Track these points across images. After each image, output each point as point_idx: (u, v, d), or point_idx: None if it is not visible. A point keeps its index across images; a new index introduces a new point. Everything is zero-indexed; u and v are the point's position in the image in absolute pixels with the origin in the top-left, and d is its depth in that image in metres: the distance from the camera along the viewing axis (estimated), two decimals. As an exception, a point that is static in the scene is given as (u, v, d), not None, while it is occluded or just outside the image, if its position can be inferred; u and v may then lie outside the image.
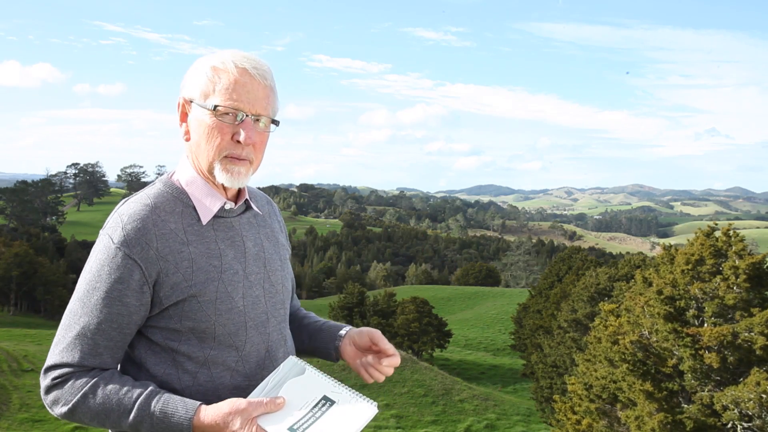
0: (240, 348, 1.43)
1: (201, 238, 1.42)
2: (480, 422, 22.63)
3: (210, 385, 1.40)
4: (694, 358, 10.32)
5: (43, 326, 43.70)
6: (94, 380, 1.34)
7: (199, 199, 1.45)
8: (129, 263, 1.34)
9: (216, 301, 1.40)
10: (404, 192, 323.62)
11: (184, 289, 1.37)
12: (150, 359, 1.41)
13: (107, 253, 1.35)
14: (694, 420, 10.10)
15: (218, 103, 1.38)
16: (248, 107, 1.39)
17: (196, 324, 1.38)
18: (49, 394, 1.35)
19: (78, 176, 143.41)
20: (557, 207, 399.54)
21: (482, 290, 66.44)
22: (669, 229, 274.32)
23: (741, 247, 11.14)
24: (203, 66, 1.43)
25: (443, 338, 37.04)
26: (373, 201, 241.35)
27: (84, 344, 1.34)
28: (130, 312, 1.36)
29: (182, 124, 1.46)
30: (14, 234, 67.52)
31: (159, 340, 1.40)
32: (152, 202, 1.41)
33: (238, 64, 1.40)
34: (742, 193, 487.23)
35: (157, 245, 1.36)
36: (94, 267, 1.36)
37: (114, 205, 1.47)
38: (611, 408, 12.38)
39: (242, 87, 1.39)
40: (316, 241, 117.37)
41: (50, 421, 19.42)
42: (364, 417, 1.33)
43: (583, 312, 23.11)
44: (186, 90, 1.44)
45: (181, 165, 1.49)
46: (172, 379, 1.39)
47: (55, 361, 1.35)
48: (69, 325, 1.36)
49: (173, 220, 1.40)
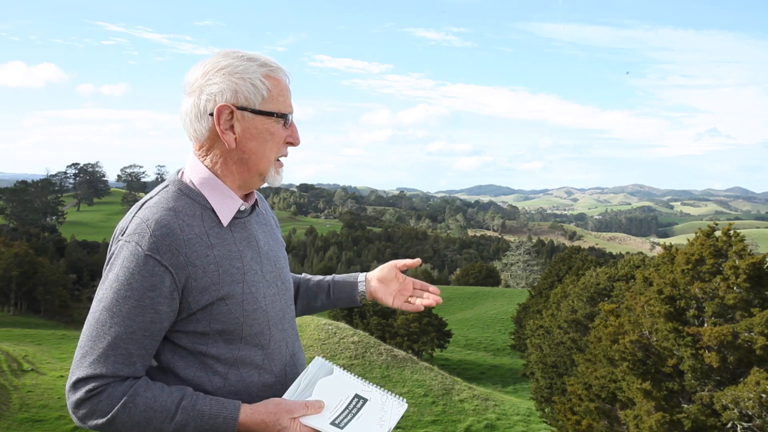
0: (265, 346, 1.47)
1: (222, 240, 1.43)
2: (480, 422, 22.62)
3: (241, 385, 1.43)
4: (694, 358, 10.33)
5: (43, 326, 43.68)
6: (132, 389, 1.33)
7: (218, 201, 1.45)
8: (160, 270, 1.33)
9: (243, 302, 1.42)
10: (404, 192, 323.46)
11: (212, 292, 1.38)
12: (178, 363, 1.41)
13: (136, 261, 1.33)
14: (693, 419, 10.10)
15: (278, 110, 1.45)
16: (292, 110, 1.50)
17: (224, 326, 1.40)
18: (82, 407, 1.32)
19: (78, 176, 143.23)
20: (557, 207, 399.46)
21: (482, 290, 66.43)
22: (669, 229, 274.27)
23: (741, 247, 11.15)
24: (251, 73, 1.43)
25: (443, 338, 37.03)
26: (373, 201, 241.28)
27: (117, 354, 1.33)
28: (161, 319, 1.36)
29: (227, 132, 1.43)
30: (14, 234, 67.51)
31: (186, 344, 1.41)
32: (174, 206, 1.40)
33: (281, 70, 1.48)
34: (742, 193, 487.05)
35: (186, 250, 1.36)
36: (122, 275, 1.34)
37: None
38: (611, 408, 12.38)
39: (287, 91, 1.48)
40: (316, 241, 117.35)
41: (50, 421, 19.42)
42: (397, 413, 1.43)
43: (583, 312, 23.10)
44: (230, 96, 1.42)
45: (192, 165, 1.48)
46: (204, 382, 1.40)
47: (87, 373, 1.32)
48: (98, 336, 1.33)
49: (196, 224, 1.40)
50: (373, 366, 25.50)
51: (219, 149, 1.45)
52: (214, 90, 1.42)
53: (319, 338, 26.80)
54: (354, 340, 26.87)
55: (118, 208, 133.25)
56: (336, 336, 27.04)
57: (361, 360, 25.44)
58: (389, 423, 1.40)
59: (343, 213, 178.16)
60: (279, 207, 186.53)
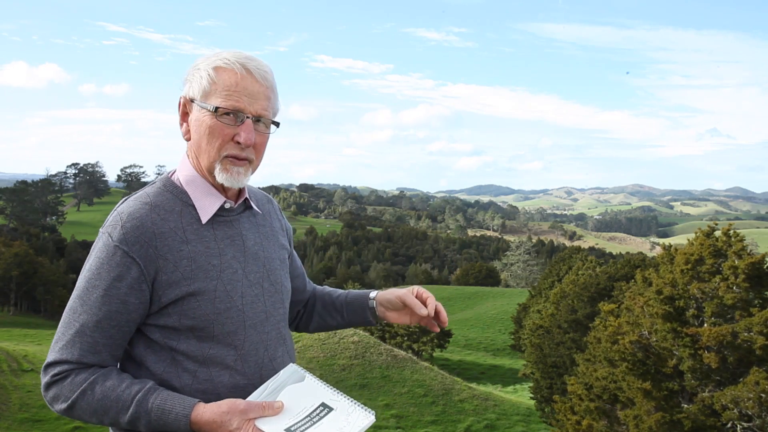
0: (239, 347, 1.44)
1: (200, 237, 1.43)
2: (480, 422, 22.62)
3: (209, 384, 1.41)
4: (694, 358, 10.33)
5: (43, 326, 43.68)
6: (93, 377, 1.34)
7: (198, 198, 1.46)
8: (127, 261, 1.35)
9: (215, 300, 1.40)
10: (404, 192, 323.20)
11: (183, 287, 1.38)
12: (149, 357, 1.41)
13: (106, 251, 1.37)
14: (692, 420, 10.09)
15: (219, 104, 1.39)
16: (249, 108, 1.40)
17: (195, 323, 1.39)
18: (49, 390, 1.36)
19: (78, 176, 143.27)
20: (557, 207, 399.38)
21: (482, 290, 66.40)
22: (669, 229, 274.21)
23: (740, 247, 11.15)
24: (204, 65, 1.43)
25: (443, 338, 37.01)
26: (373, 201, 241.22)
27: (83, 342, 1.35)
28: (128, 310, 1.37)
29: (183, 124, 1.47)
30: (14, 234, 67.50)
31: (158, 338, 1.41)
32: (151, 200, 1.42)
33: (239, 64, 1.41)
34: (742, 193, 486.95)
35: (156, 243, 1.37)
36: (93, 265, 1.38)
37: (114, 205, 1.49)
38: (611, 408, 12.38)
39: (244, 88, 1.40)
40: (316, 241, 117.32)
41: (50, 420, 19.43)
42: (361, 425, 1.35)
43: (583, 312, 23.10)
44: (187, 89, 1.45)
45: (182, 164, 1.50)
46: (172, 378, 1.40)
47: (55, 358, 1.36)
48: (68, 323, 1.37)
49: (173, 219, 1.41)
50: (373, 366, 25.49)
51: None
52: (184, 84, 1.47)
53: (319, 338, 26.80)
54: (354, 340, 26.85)
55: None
56: (336, 336, 27.03)
57: (361, 360, 25.42)
58: None
59: (343, 213, 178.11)
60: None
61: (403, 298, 1.64)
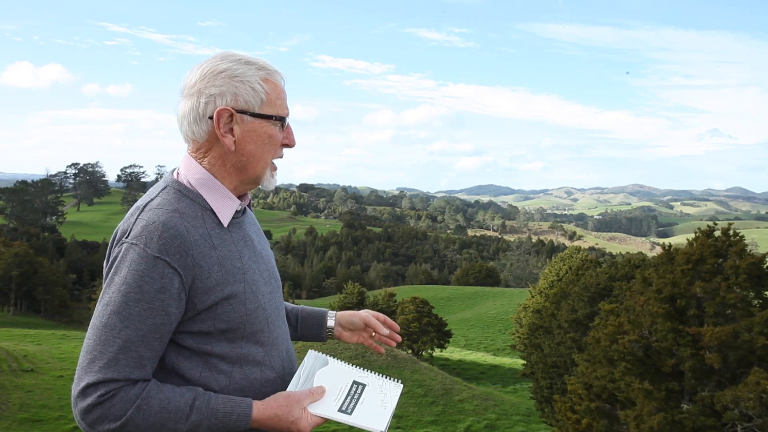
0: (265, 343, 1.50)
1: (223, 241, 1.45)
2: (480, 422, 22.63)
3: (245, 382, 1.46)
4: (695, 358, 10.32)
5: (43, 326, 43.71)
6: (145, 392, 1.32)
7: (216, 202, 1.47)
8: (169, 272, 1.34)
9: (246, 301, 1.44)
10: (404, 192, 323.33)
11: (217, 292, 1.40)
12: (183, 364, 1.42)
13: (145, 263, 1.33)
14: (693, 420, 10.09)
15: (276, 113, 1.49)
16: (288, 112, 1.53)
17: (228, 325, 1.42)
18: (92, 412, 1.30)
19: (78, 176, 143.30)
20: (557, 207, 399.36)
21: (482, 290, 66.46)
22: (669, 229, 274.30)
23: (741, 247, 11.15)
24: (250, 76, 1.45)
25: (443, 338, 37.04)
26: (373, 201, 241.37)
27: (129, 358, 1.32)
28: (171, 321, 1.37)
29: (227, 135, 1.44)
30: (14, 234, 67.58)
31: (191, 344, 1.42)
32: (178, 207, 1.41)
33: (278, 73, 1.51)
34: (742, 193, 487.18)
35: (193, 252, 1.38)
36: (130, 278, 1.33)
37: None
38: (611, 408, 12.37)
39: (284, 94, 1.52)
40: (316, 241, 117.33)
41: (50, 421, 19.44)
42: (395, 394, 1.54)
43: (583, 312, 23.09)
44: (230, 101, 1.44)
45: (188, 166, 1.49)
46: (210, 381, 1.42)
47: (98, 378, 1.30)
48: (107, 340, 1.32)
49: (199, 225, 1.42)
50: (373, 366, 25.50)
51: (217, 152, 1.47)
52: (214, 93, 1.43)
53: (319, 338, 26.81)
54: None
55: (118, 208, 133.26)
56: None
57: (360, 360, 25.44)
58: (391, 404, 1.51)
59: (343, 213, 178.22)
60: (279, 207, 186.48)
61: (367, 321, 1.80)
